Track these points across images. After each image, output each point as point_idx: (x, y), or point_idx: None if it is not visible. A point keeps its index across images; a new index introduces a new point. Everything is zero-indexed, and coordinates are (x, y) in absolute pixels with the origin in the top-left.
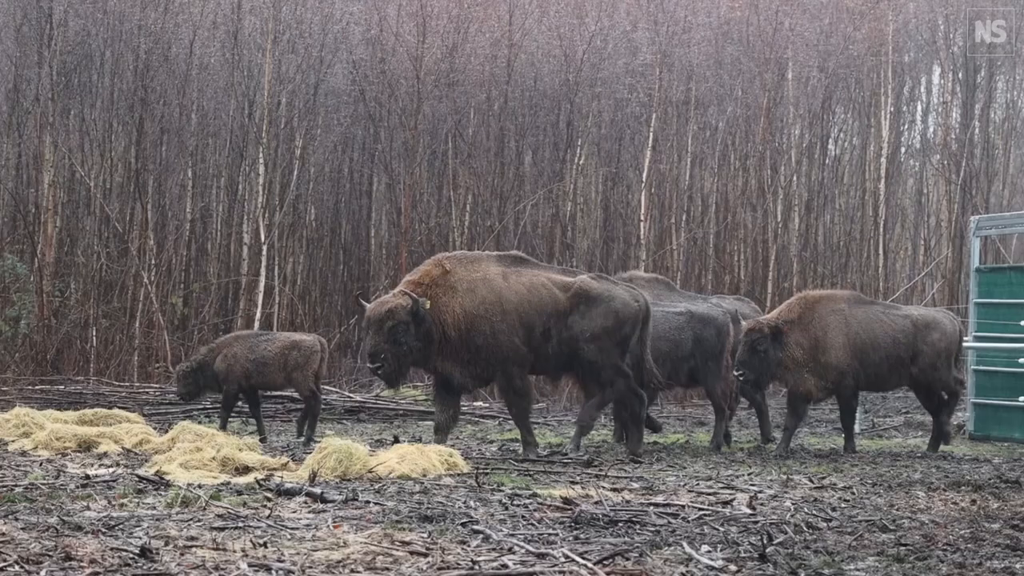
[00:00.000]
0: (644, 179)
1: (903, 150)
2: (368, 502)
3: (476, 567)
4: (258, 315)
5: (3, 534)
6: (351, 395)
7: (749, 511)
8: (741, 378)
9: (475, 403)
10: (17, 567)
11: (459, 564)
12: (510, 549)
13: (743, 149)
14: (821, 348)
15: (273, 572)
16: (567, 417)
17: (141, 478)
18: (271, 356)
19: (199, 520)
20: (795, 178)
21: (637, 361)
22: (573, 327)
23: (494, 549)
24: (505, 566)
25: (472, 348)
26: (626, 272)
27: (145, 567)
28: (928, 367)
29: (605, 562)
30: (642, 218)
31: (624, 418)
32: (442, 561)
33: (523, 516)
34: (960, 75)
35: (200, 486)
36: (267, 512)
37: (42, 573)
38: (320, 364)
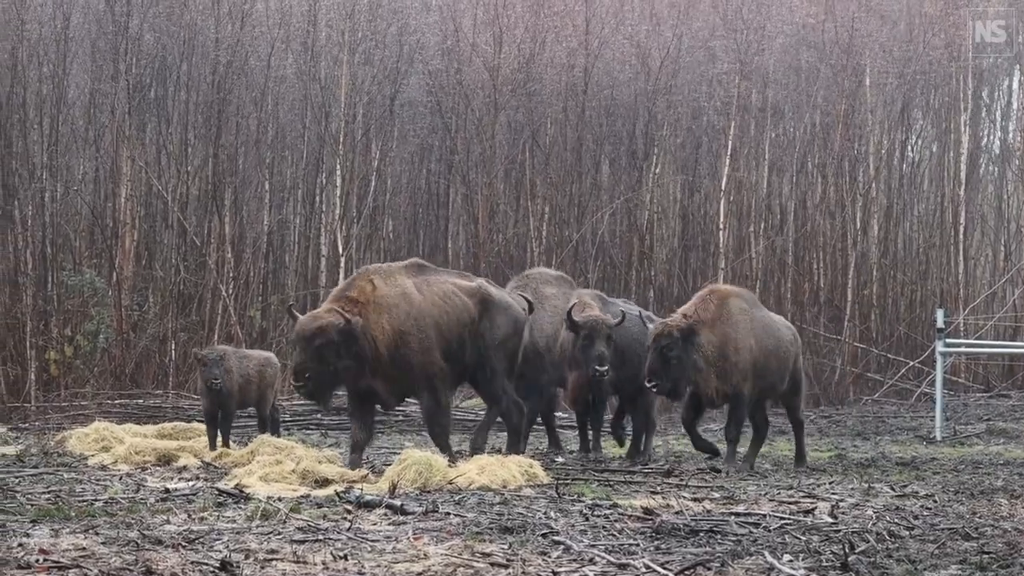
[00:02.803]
0: (723, 187)
1: (983, 156)
2: (448, 514)
3: None
4: None
5: (84, 548)
6: None
7: (831, 520)
8: (654, 389)
9: (555, 413)
10: None
11: (540, 575)
12: (591, 560)
13: (821, 156)
14: (732, 348)
15: None
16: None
17: (221, 491)
18: (252, 374)
19: (279, 533)
20: (874, 185)
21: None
22: (484, 335)
23: (575, 560)
24: None
25: (406, 365)
26: (533, 269)
27: None
28: (799, 382)
29: (686, 572)
30: (720, 226)
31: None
32: (523, 572)
33: (604, 527)
34: None
35: (280, 499)
36: (347, 524)
37: None
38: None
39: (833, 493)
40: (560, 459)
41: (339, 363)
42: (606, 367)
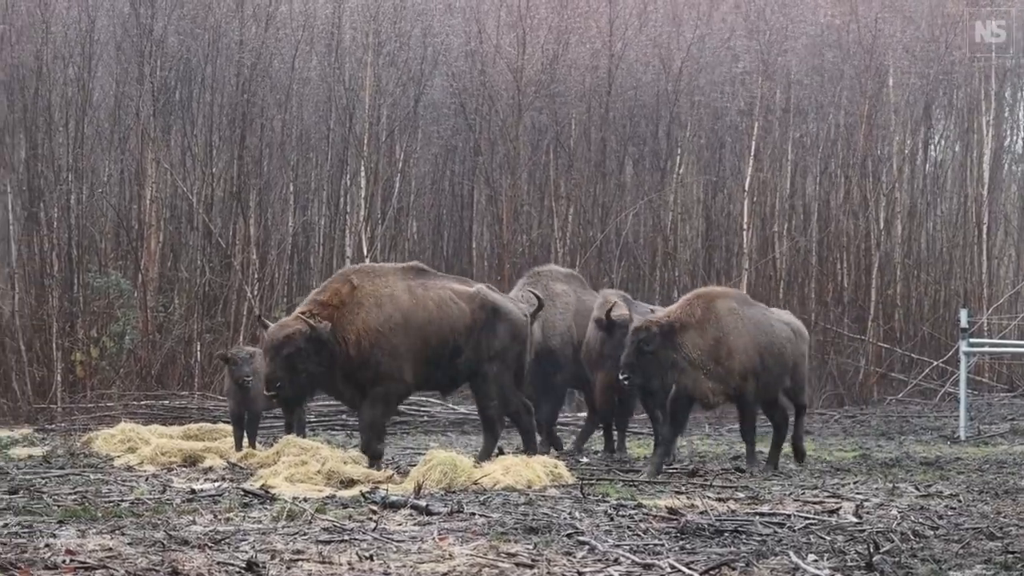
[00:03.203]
0: (746, 188)
1: (1006, 155)
2: (473, 514)
3: None
4: None
5: (110, 549)
6: (455, 407)
7: (855, 520)
8: (627, 382)
9: (579, 413)
10: None
11: (565, 575)
12: (616, 560)
13: (844, 156)
14: (725, 351)
15: None
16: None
17: (247, 492)
18: None
19: (305, 534)
20: (897, 185)
21: (519, 370)
22: (481, 343)
23: (600, 560)
24: None
25: (371, 364)
26: (544, 266)
27: None
28: (802, 375)
29: (711, 572)
30: (744, 227)
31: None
32: (548, 573)
33: (628, 527)
34: None
35: (305, 499)
36: (372, 525)
37: None
38: None
39: (858, 493)
40: (584, 459)
41: (310, 369)
42: None
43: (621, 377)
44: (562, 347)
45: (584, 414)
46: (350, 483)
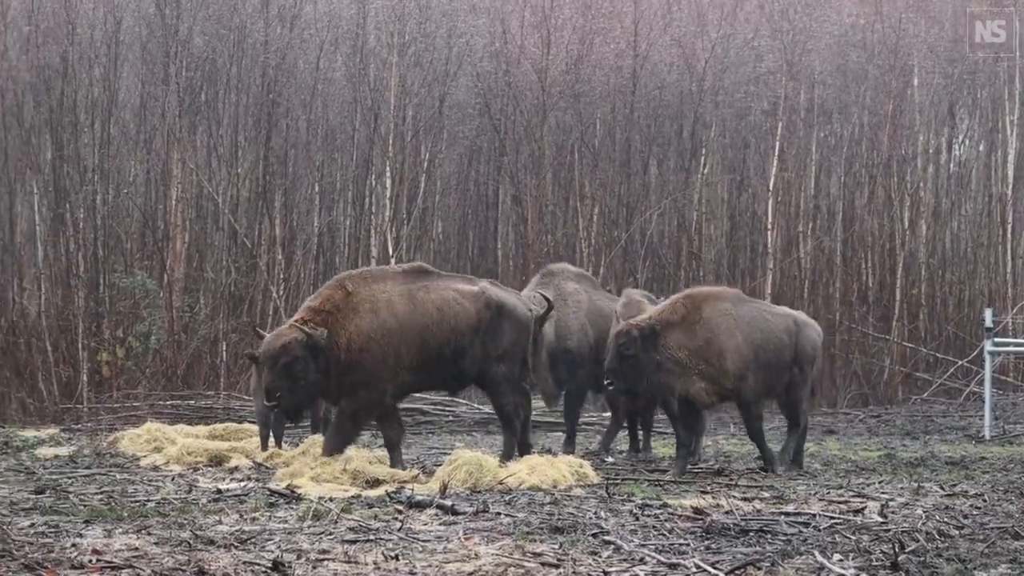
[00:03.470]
0: (771, 188)
1: None
2: (499, 514)
3: None
4: None
5: (136, 549)
6: (480, 407)
7: (880, 519)
8: (611, 387)
9: (604, 413)
10: None
11: (590, 575)
12: (641, 560)
13: (869, 156)
14: (715, 352)
15: None
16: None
17: (272, 492)
18: None
19: (330, 533)
20: (921, 185)
21: (523, 366)
22: (487, 342)
23: (625, 560)
24: None
25: (357, 369)
26: (555, 265)
27: None
28: (807, 368)
29: (736, 572)
30: (769, 227)
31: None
32: (573, 572)
33: (654, 526)
34: None
35: (331, 499)
36: (398, 525)
37: None
38: None
39: (883, 492)
40: (610, 459)
41: (308, 377)
42: None
43: (605, 383)
44: (578, 347)
45: (609, 414)
46: (376, 483)
